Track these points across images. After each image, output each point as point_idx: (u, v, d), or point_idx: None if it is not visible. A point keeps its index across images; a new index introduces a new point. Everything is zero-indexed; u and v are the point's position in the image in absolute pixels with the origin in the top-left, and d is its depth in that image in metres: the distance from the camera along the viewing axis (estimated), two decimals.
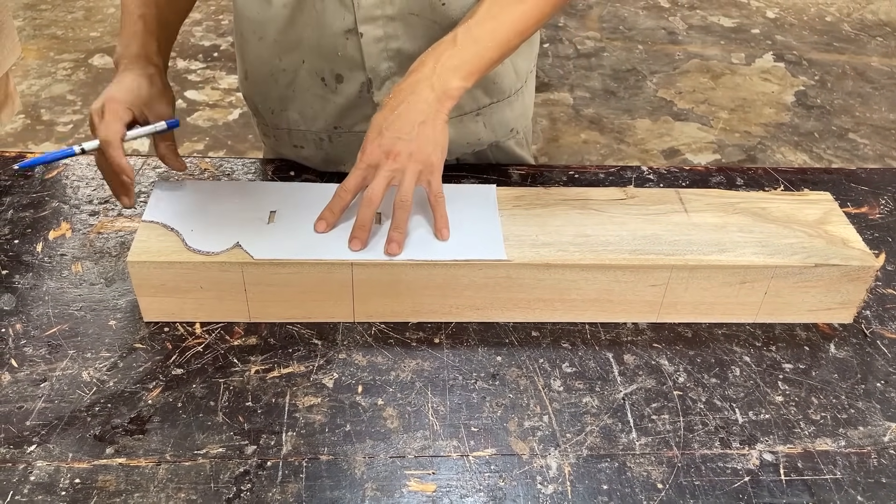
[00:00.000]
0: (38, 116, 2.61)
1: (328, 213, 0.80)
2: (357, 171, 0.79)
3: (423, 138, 0.77)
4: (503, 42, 0.81)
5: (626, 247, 0.80)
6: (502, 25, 0.81)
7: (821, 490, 0.68)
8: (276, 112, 0.99)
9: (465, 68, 0.79)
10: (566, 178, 1.02)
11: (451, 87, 0.78)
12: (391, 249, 0.77)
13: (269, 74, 0.94)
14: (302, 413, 0.72)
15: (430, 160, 0.78)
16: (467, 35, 0.80)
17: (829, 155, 2.62)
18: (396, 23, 0.87)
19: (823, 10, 3.57)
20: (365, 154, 0.78)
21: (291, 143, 1.01)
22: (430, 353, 0.78)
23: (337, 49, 0.88)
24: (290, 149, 1.02)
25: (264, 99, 0.99)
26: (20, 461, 0.67)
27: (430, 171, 0.78)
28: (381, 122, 0.78)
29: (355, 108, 0.94)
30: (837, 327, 0.84)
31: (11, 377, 0.73)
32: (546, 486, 0.67)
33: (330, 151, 1.00)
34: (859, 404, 0.76)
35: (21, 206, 0.93)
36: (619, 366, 0.78)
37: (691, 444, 0.71)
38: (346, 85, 0.92)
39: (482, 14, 0.81)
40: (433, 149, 0.78)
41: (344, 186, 0.80)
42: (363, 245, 0.77)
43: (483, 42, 0.80)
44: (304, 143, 1.00)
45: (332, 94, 0.93)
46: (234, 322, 0.80)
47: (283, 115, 0.98)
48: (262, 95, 0.98)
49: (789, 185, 1.03)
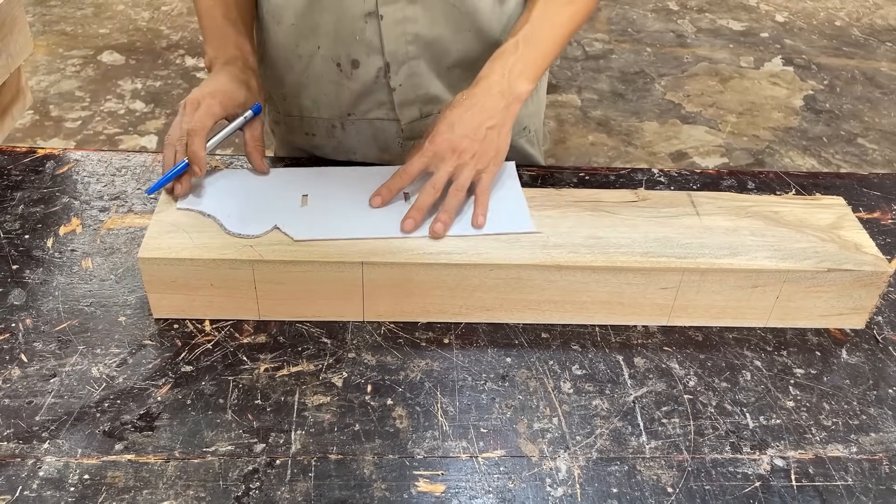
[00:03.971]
0: (47, 112, 2.61)
1: (385, 191, 0.83)
2: (423, 158, 0.82)
3: (489, 142, 0.82)
4: (559, 42, 0.87)
5: (637, 249, 0.79)
6: (557, 27, 0.86)
7: (832, 496, 0.67)
8: (290, 98, 0.99)
9: (530, 72, 0.84)
10: (577, 179, 1.01)
11: (520, 91, 0.84)
12: (437, 229, 0.79)
13: (285, 60, 0.95)
14: (311, 412, 0.72)
15: (489, 164, 0.82)
16: (528, 40, 0.84)
17: (837, 160, 2.61)
18: (416, 6, 0.88)
19: (833, 15, 3.55)
20: (433, 144, 0.81)
21: (303, 130, 1.02)
22: (440, 354, 0.78)
23: (355, 33, 0.89)
24: (302, 136, 1.02)
25: (279, 85, 0.99)
26: (29, 456, 0.66)
27: (485, 171, 0.82)
28: (453, 118, 0.81)
29: (370, 94, 0.95)
30: (849, 333, 0.83)
31: (21, 372, 0.73)
32: (555, 489, 0.67)
33: (342, 139, 1.00)
34: (871, 410, 0.75)
35: (32, 202, 0.93)
36: (629, 369, 0.78)
37: (701, 448, 0.71)
38: (362, 70, 0.92)
39: (537, 17, 0.86)
40: (495, 154, 0.83)
41: (407, 170, 0.82)
42: (416, 227, 0.80)
43: (542, 45, 0.85)
44: (315, 130, 1.00)
45: (348, 79, 0.93)
46: (243, 320, 0.80)
47: (295, 102, 0.99)
48: (277, 81, 0.99)
49: (801, 189, 1.02)
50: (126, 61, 2.93)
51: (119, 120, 2.61)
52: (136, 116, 2.63)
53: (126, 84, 2.80)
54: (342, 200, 0.83)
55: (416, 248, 0.78)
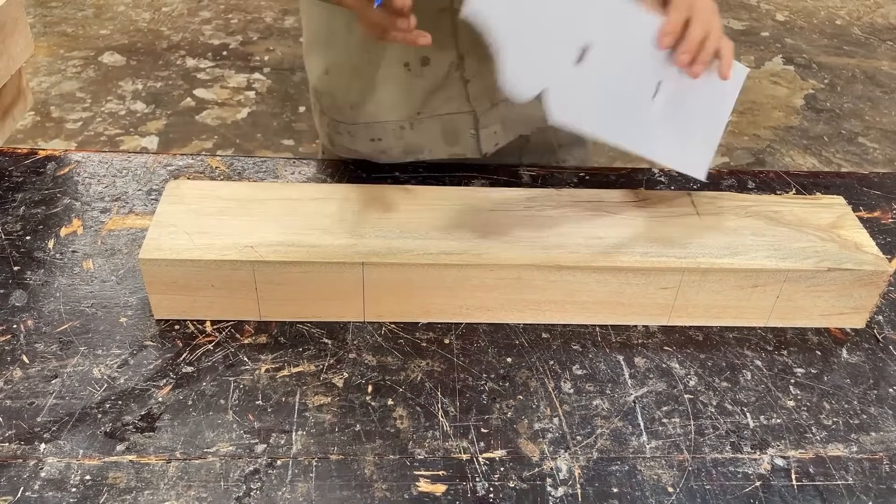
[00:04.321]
0: (48, 114, 2.61)
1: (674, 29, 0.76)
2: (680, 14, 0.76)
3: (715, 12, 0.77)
4: None
5: (637, 249, 0.79)
6: None
7: (832, 496, 0.67)
8: (356, 107, 0.98)
9: None
10: (577, 179, 1.01)
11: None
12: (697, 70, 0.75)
13: (352, 69, 0.94)
14: (312, 412, 0.72)
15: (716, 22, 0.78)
16: None
17: (838, 159, 2.61)
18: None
19: (833, 14, 3.55)
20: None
21: (369, 136, 1.00)
22: (441, 354, 0.78)
23: (428, 30, 0.88)
24: (367, 143, 1.01)
25: (345, 94, 0.98)
26: (31, 457, 0.67)
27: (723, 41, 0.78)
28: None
29: (441, 90, 0.94)
30: (850, 332, 0.83)
31: (23, 373, 0.74)
32: (556, 489, 0.67)
33: (410, 140, 0.99)
34: (871, 410, 0.75)
35: (33, 203, 0.93)
36: (629, 368, 0.78)
37: (702, 447, 0.71)
38: (433, 67, 0.91)
39: None
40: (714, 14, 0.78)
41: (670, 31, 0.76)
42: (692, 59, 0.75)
43: None
44: (382, 134, 0.99)
45: (417, 78, 0.93)
46: (244, 320, 0.80)
47: (361, 110, 0.98)
48: (344, 91, 0.98)
49: (801, 188, 1.02)
50: (127, 62, 2.93)
51: (120, 121, 2.61)
52: (136, 117, 2.63)
53: (127, 85, 2.80)
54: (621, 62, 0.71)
55: (416, 248, 0.78)
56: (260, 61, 2.99)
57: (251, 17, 3.30)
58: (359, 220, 0.81)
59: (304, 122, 2.66)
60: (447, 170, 1.01)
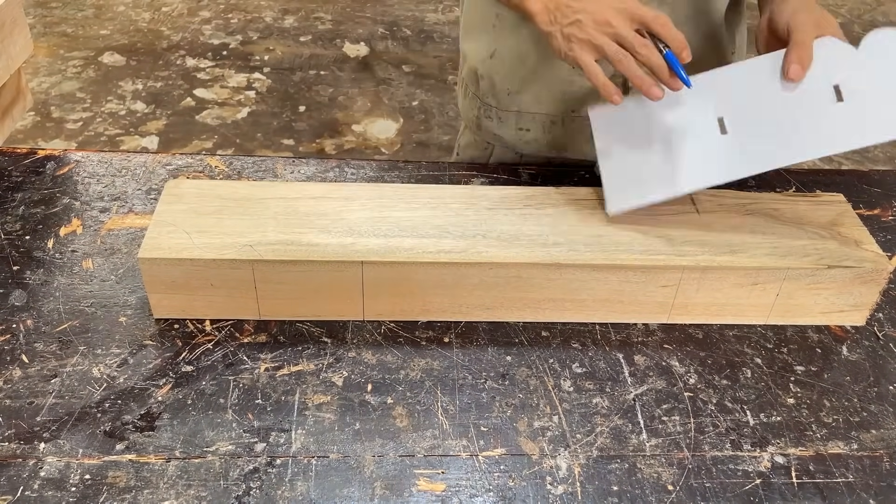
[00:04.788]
0: (48, 114, 2.62)
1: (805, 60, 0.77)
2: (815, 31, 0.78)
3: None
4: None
5: (637, 247, 0.79)
6: None
7: (833, 493, 0.67)
8: (513, 93, 0.99)
9: None
10: (577, 178, 1.01)
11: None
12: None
13: (518, 56, 0.95)
14: (311, 411, 0.72)
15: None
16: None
17: (838, 156, 2.61)
18: (665, 6, 0.88)
19: (834, 11, 3.55)
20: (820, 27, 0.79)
21: (517, 125, 1.01)
22: (440, 353, 0.78)
23: None
24: (513, 132, 1.02)
25: (506, 79, 0.98)
26: (30, 457, 0.67)
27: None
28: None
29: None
30: (850, 330, 0.83)
31: (22, 373, 0.74)
32: (556, 487, 0.67)
33: (558, 135, 1.00)
34: (872, 407, 0.75)
35: (32, 203, 0.93)
36: (629, 366, 0.78)
37: (702, 445, 0.71)
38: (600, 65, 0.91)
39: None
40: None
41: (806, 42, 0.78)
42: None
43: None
44: (531, 125, 1.00)
45: (580, 76, 0.93)
46: (243, 319, 0.80)
47: (517, 98, 0.99)
48: (505, 76, 0.98)
49: (801, 186, 1.02)
50: (127, 62, 2.93)
51: (120, 121, 2.61)
52: (136, 117, 2.63)
53: (127, 85, 2.80)
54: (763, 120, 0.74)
55: (415, 247, 0.78)
56: (260, 61, 2.99)
57: (251, 16, 3.30)
58: (358, 219, 0.81)
59: (304, 121, 2.66)
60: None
